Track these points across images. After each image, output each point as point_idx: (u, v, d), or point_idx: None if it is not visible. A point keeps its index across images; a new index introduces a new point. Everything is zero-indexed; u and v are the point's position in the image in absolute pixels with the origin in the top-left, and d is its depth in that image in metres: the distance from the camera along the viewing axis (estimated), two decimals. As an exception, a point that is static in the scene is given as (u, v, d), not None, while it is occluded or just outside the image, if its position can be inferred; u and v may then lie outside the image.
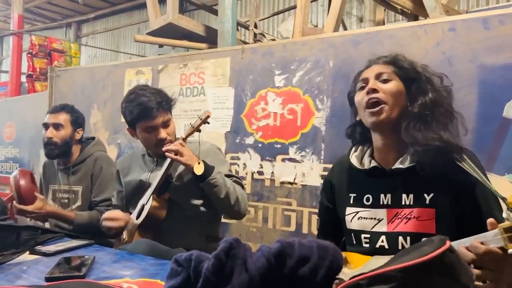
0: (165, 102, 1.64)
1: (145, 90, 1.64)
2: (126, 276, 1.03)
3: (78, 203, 2.07)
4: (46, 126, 2.05)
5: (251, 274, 0.69)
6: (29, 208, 1.80)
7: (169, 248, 1.58)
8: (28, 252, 1.28)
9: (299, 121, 2.07)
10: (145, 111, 1.58)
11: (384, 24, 3.22)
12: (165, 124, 1.64)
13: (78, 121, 2.11)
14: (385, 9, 3.12)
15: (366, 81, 1.13)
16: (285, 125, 2.11)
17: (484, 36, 1.61)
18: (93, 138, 2.22)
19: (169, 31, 3.07)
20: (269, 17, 4.82)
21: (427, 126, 1.04)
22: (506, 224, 0.75)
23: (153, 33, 3.10)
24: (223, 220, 1.83)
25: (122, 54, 7.01)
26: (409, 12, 2.63)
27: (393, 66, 1.13)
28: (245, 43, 3.07)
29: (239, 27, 3.58)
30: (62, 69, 3.29)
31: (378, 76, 1.12)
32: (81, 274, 1.02)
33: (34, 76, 4.37)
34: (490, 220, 0.79)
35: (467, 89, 1.62)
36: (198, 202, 1.69)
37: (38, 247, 1.30)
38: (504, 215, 0.77)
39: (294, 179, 2.06)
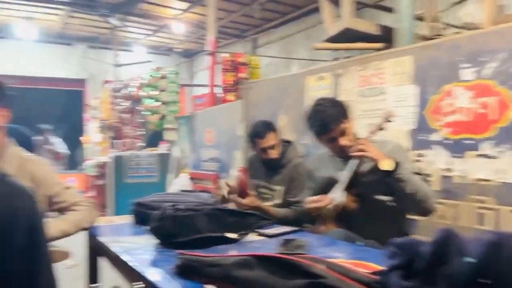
0: (341, 114, 1.80)
1: (321, 105, 1.82)
2: (340, 257, 1.22)
3: (277, 201, 2.37)
4: (263, 150, 2.31)
5: (466, 259, 0.79)
6: (243, 201, 2.19)
7: (362, 239, 1.74)
8: (254, 234, 1.61)
9: (494, 114, 1.96)
10: (323, 127, 1.78)
11: None
12: (344, 133, 1.79)
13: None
14: None
15: None
16: (476, 119, 2.03)
17: None
18: (288, 142, 2.49)
19: (344, 34, 3.23)
20: (449, 8, 4.50)
21: None
22: None
23: (329, 39, 3.32)
24: (411, 216, 1.88)
25: (294, 60, 7.52)
26: None
27: None
28: (424, 37, 3.00)
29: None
30: (252, 82, 3.81)
31: None
32: (303, 253, 1.25)
33: (226, 88, 5.14)
34: None
35: None
36: (385, 197, 1.79)
37: (261, 230, 1.63)
38: None
39: (489, 176, 1.96)
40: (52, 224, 1.57)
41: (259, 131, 2.31)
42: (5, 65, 8.07)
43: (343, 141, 1.79)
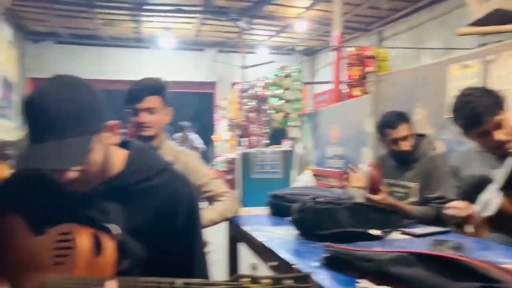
0: (495, 104, 1.60)
1: (471, 95, 1.63)
2: (508, 263, 1.08)
3: (413, 198, 2.21)
4: (394, 142, 2.18)
5: None
6: (375, 198, 2.09)
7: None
8: (398, 232, 1.53)
9: None
10: (474, 119, 1.59)
11: None
12: (499, 125, 1.59)
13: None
14: None
15: None
16: None
17: None
18: (422, 135, 2.31)
19: (494, 16, 2.86)
20: None
21: None
22: None
23: (474, 23, 2.97)
24: None
25: (423, 50, 6.96)
26: None
27: None
28: None
29: None
30: (382, 75, 3.63)
31: None
32: (463, 255, 1.14)
33: (352, 83, 5.00)
34: None
35: None
36: (553, 200, 1.54)
37: (405, 229, 1.53)
38: None
39: None
40: (202, 214, 1.72)
41: (391, 120, 2.17)
42: (151, 72, 9.15)
43: (499, 135, 1.59)
